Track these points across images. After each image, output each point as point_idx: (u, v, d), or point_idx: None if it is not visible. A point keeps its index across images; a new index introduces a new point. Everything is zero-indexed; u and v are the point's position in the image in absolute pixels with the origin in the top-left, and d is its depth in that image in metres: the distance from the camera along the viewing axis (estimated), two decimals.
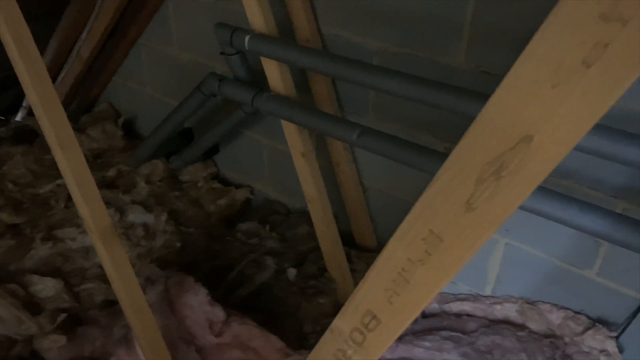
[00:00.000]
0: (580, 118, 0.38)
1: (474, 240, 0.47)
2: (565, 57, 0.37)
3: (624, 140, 0.94)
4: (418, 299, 0.54)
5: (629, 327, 1.28)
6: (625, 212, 1.19)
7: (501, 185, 0.43)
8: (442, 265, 0.51)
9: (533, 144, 0.40)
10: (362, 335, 0.61)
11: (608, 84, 0.35)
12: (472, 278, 1.52)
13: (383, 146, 1.25)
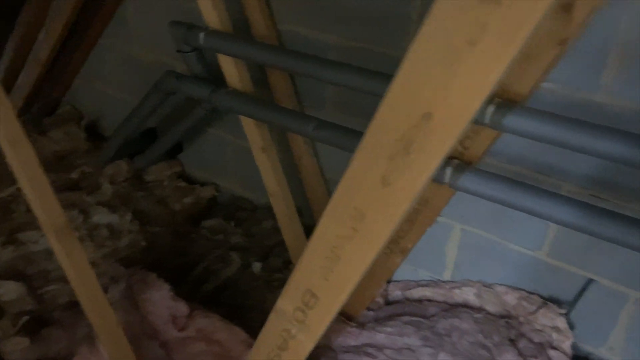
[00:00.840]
0: (472, 94, 0.41)
1: (393, 214, 0.51)
2: (452, 37, 0.40)
3: (568, 125, 0.98)
4: (350, 274, 0.57)
5: (577, 303, 1.33)
6: (569, 194, 1.24)
7: (410, 160, 0.46)
8: (368, 240, 0.54)
9: (433, 120, 0.43)
10: (304, 313, 0.64)
11: (492, 61, 0.39)
12: (432, 264, 1.57)
13: (339, 138, 1.28)
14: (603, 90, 1.11)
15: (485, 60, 0.39)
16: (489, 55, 0.39)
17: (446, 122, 0.43)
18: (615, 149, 0.92)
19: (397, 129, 0.46)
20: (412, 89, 0.43)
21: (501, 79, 0.40)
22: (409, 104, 0.44)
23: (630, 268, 1.23)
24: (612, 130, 0.92)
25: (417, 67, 0.43)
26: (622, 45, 1.06)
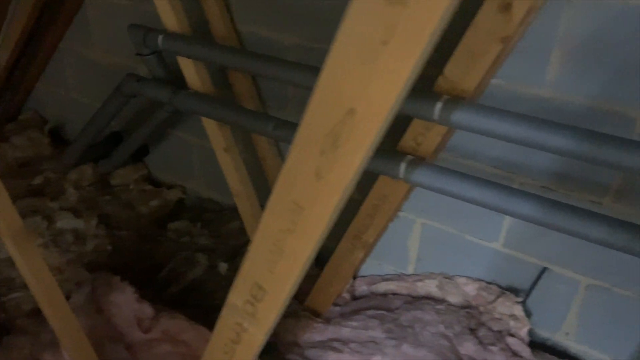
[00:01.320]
0: (388, 90, 0.44)
1: (328, 206, 0.53)
2: (367, 37, 0.43)
3: (512, 120, 1.02)
4: (294, 266, 0.59)
5: (533, 291, 1.39)
6: (522, 187, 1.29)
7: (339, 154, 0.49)
8: (307, 232, 0.56)
9: (356, 116, 0.46)
10: (253, 306, 0.66)
11: (403, 58, 0.41)
12: (396, 259, 1.60)
13: None
14: (548, 85, 1.16)
15: (397, 58, 0.42)
16: (401, 54, 0.41)
17: (368, 117, 0.45)
18: (556, 141, 0.96)
19: (325, 125, 0.48)
20: (335, 87, 0.46)
21: (415, 75, 0.43)
22: (334, 101, 0.47)
23: (580, 255, 1.29)
24: (551, 124, 0.97)
25: (338, 66, 0.46)
26: (563, 43, 1.11)
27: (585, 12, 1.06)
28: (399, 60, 0.42)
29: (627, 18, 1.02)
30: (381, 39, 0.42)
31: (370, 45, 0.43)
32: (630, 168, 0.96)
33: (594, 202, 1.21)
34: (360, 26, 0.42)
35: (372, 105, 0.45)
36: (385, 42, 0.42)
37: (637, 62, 1.05)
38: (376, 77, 0.44)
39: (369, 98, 0.45)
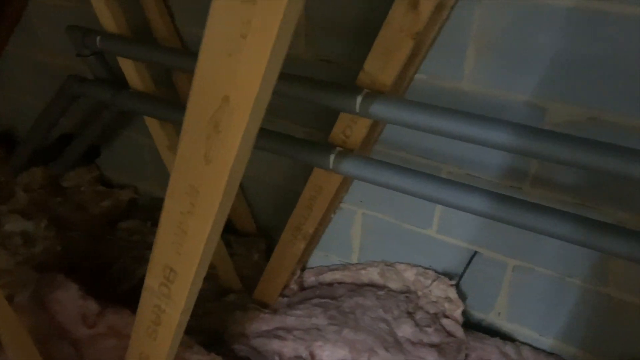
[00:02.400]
0: (254, 77, 0.49)
1: (219, 187, 0.58)
2: (229, 32, 0.48)
3: (426, 111, 1.08)
4: (197, 246, 0.63)
5: (465, 275, 1.46)
6: (449, 175, 1.37)
7: (222, 138, 0.54)
8: (204, 213, 0.61)
9: (230, 102, 0.51)
10: (167, 287, 0.70)
11: (260, 50, 0.47)
12: (340, 249, 1.66)
13: None
14: (466, 79, 1.23)
15: (256, 50, 0.47)
16: (258, 45, 0.47)
17: (240, 103, 0.51)
18: (468, 131, 1.03)
19: (206, 112, 0.53)
20: (210, 77, 0.51)
21: (276, 63, 0.48)
22: (210, 90, 0.52)
23: (506, 238, 1.37)
24: (462, 115, 1.04)
25: (209, 59, 0.51)
26: (477, 39, 1.18)
27: (494, 10, 1.14)
28: (258, 51, 0.47)
29: (534, 15, 1.10)
30: (240, 33, 0.47)
31: (233, 39, 0.48)
32: (541, 154, 1.04)
33: (515, 187, 1.29)
34: (222, 22, 0.47)
35: (242, 92, 0.50)
36: (244, 36, 0.47)
37: (544, 55, 1.13)
38: (241, 67, 0.49)
39: (238, 86, 0.50)
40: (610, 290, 1.28)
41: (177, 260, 0.66)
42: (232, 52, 0.48)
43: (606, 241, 1.02)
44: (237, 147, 0.54)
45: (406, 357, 1.34)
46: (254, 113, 0.52)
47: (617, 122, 1.11)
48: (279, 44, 0.46)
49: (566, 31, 1.09)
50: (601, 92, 1.11)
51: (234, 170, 0.56)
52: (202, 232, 0.62)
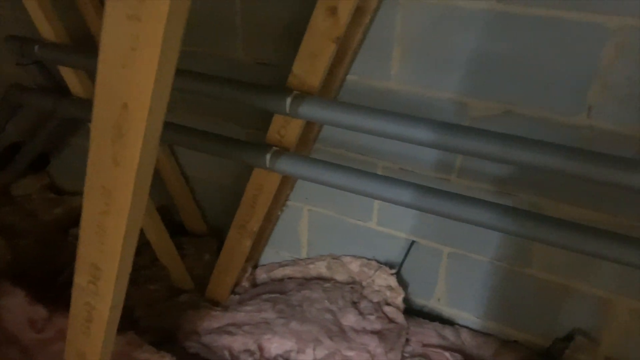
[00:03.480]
0: (146, 86, 0.54)
1: (128, 188, 0.63)
2: (121, 44, 0.53)
3: (350, 111, 1.14)
4: (116, 243, 0.68)
5: (404, 263, 1.54)
6: (384, 171, 1.44)
7: (125, 142, 0.59)
8: (119, 212, 0.65)
9: (129, 109, 0.56)
10: (95, 285, 0.75)
11: (149, 62, 0.52)
12: (290, 245, 1.72)
13: (179, 137, 1.39)
14: (394, 78, 1.31)
15: (145, 61, 0.52)
16: (146, 57, 0.52)
17: (137, 110, 0.56)
18: (389, 129, 1.10)
19: (110, 118, 0.58)
20: (109, 86, 0.56)
21: (167, 73, 0.53)
22: (111, 97, 0.57)
23: (440, 227, 1.45)
24: (379, 112, 1.10)
25: (107, 68, 0.56)
26: (400, 40, 1.26)
27: (414, 13, 1.22)
28: (147, 62, 0.52)
29: (449, 17, 1.18)
30: (131, 46, 0.52)
31: (125, 52, 0.53)
32: (464, 150, 1.12)
33: (444, 179, 1.37)
34: (114, 37, 0.52)
35: (138, 99, 0.55)
36: (134, 49, 0.52)
37: (462, 54, 1.21)
38: (135, 77, 0.54)
39: (134, 94, 0.55)
40: (534, 271, 1.37)
41: (101, 258, 0.71)
42: (125, 64, 0.53)
43: (523, 227, 1.10)
44: (139, 150, 0.59)
45: (349, 345, 1.41)
46: (152, 118, 0.57)
47: (529, 115, 1.20)
48: (166, 55, 0.51)
49: (479, 32, 1.17)
50: (514, 87, 1.19)
51: (140, 171, 0.61)
52: (119, 230, 0.67)
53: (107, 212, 0.66)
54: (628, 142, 1.13)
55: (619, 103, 1.11)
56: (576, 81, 1.13)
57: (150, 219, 1.62)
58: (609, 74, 1.09)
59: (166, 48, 0.50)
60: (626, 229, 1.20)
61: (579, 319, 1.38)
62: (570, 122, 1.17)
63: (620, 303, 1.30)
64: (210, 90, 1.32)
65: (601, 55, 1.08)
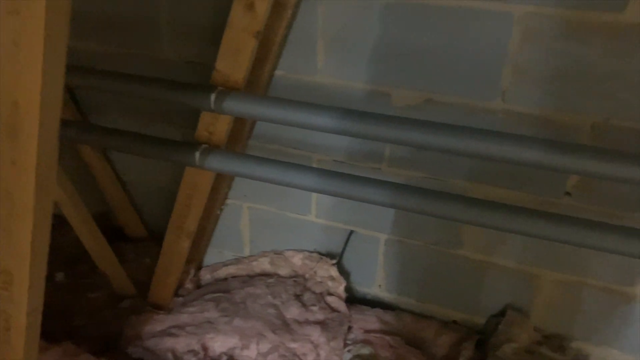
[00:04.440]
0: (34, 83, 0.54)
1: (29, 189, 0.62)
2: (5, 41, 0.52)
3: (274, 104, 1.16)
4: (25, 247, 0.67)
5: (344, 253, 1.57)
6: (319, 163, 1.46)
7: (20, 143, 0.58)
8: (23, 214, 0.64)
9: (20, 108, 0.56)
10: (9, 291, 0.73)
11: (34, 56, 0.52)
12: (233, 244, 1.72)
13: (109, 140, 1.37)
14: (320, 72, 1.33)
15: (29, 56, 0.52)
16: (30, 52, 0.51)
17: (28, 107, 0.55)
18: (313, 120, 1.13)
19: (2, 116, 0.57)
20: (1, 83, 0.55)
21: (56, 68, 0.53)
22: (1, 95, 0.56)
23: (375, 215, 1.48)
24: (309, 106, 1.13)
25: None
26: (323, 34, 1.28)
27: (334, 7, 1.24)
28: (31, 58, 0.52)
29: (368, 10, 1.22)
30: (14, 41, 0.51)
31: (10, 48, 0.52)
32: (388, 139, 1.16)
33: (375, 168, 1.41)
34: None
35: (27, 97, 0.55)
36: (16, 44, 0.51)
37: (383, 46, 1.24)
38: (21, 73, 0.53)
39: (23, 91, 0.54)
40: (465, 252, 1.43)
41: (11, 263, 0.69)
42: (12, 61, 0.52)
43: (442, 208, 1.15)
44: (36, 149, 0.58)
45: (293, 337, 1.42)
46: (45, 115, 0.56)
47: (449, 102, 1.25)
48: (51, 50, 0.51)
49: (396, 24, 1.21)
50: (433, 76, 1.24)
51: (40, 171, 0.60)
52: (26, 233, 0.66)
53: (12, 215, 0.64)
54: (540, 123, 1.20)
55: (529, 87, 1.18)
56: (489, 68, 1.19)
57: (86, 227, 1.58)
58: (517, 59, 1.15)
59: (50, 43, 0.50)
60: (546, 206, 1.27)
61: (510, 295, 1.45)
62: (486, 107, 1.23)
63: (543, 276, 1.38)
64: (135, 90, 1.31)
65: (509, 42, 1.14)
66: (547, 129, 1.19)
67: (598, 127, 1.16)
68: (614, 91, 1.12)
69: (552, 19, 1.09)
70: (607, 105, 1.13)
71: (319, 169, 1.19)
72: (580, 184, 1.24)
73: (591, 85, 1.12)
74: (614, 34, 1.06)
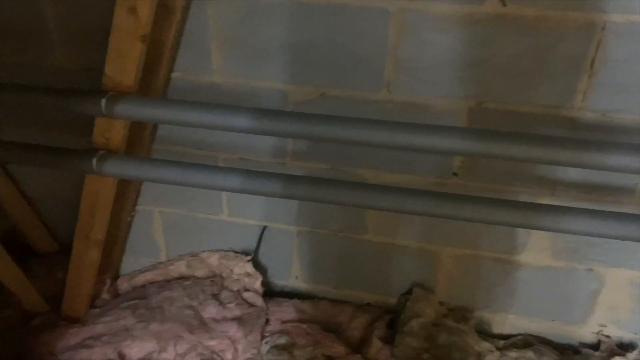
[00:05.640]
0: None
1: None
2: None
3: (170, 107, 1.18)
4: None
5: (259, 249, 1.61)
6: (225, 162, 1.49)
7: None
8: None
9: None
10: None
11: None
12: (148, 250, 1.71)
13: (4, 154, 1.33)
14: (216, 72, 1.36)
15: None
16: None
17: None
18: (200, 119, 1.16)
19: None
20: None
21: None
22: None
23: (286, 209, 1.53)
24: (195, 105, 1.16)
25: None
26: (216, 35, 1.31)
27: (223, 8, 1.28)
28: None
29: (257, 9, 1.26)
30: None
31: None
32: (290, 134, 1.21)
33: (280, 163, 1.46)
34: None
35: None
36: None
37: (276, 44, 1.29)
38: None
39: None
40: (371, 236, 1.51)
41: None
42: None
43: (336, 195, 1.22)
44: None
45: (210, 335, 1.44)
46: None
47: (341, 95, 1.32)
48: None
49: (284, 23, 1.26)
50: (325, 71, 1.30)
51: None
52: None
53: None
54: (423, 110, 1.29)
55: (409, 77, 1.26)
56: (373, 61, 1.26)
57: None
58: (397, 52, 1.24)
59: None
60: (437, 186, 1.37)
61: (416, 273, 1.54)
62: (374, 98, 1.31)
63: (442, 252, 1.48)
64: (24, 100, 1.29)
65: (388, 36, 1.23)
66: (430, 115, 1.29)
67: (474, 111, 1.27)
68: (482, 77, 1.22)
69: (422, 13, 1.18)
70: (479, 90, 1.24)
71: (213, 166, 1.23)
72: (465, 164, 1.35)
73: (462, 73, 1.23)
74: (475, 24, 1.16)
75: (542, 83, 1.20)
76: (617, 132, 1.21)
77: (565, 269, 1.41)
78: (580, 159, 1.12)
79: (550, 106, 1.22)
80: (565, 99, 1.21)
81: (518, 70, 1.20)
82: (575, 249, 1.38)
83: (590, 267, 1.40)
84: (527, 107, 1.23)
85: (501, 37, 1.17)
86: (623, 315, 1.45)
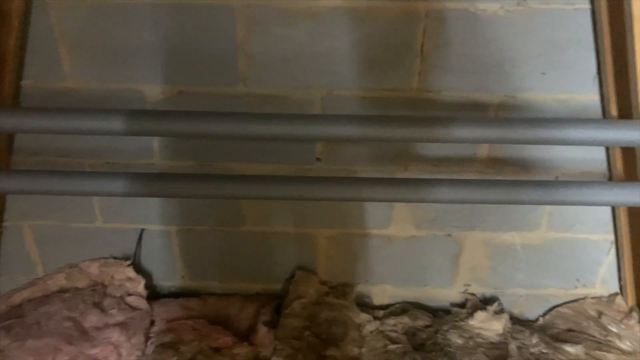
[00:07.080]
0: None
1: None
2: None
3: (32, 115, 1.15)
4: None
5: (139, 252, 1.60)
6: (92, 168, 1.46)
7: None
8: None
9: None
10: None
11: None
12: (23, 267, 1.63)
13: None
14: (69, 77, 1.34)
15: None
16: None
17: None
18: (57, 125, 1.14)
19: None
20: None
21: None
22: None
23: (161, 210, 1.53)
24: (48, 111, 1.14)
25: None
26: (63, 39, 1.29)
27: (67, 12, 1.26)
28: None
29: (102, 13, 1.25)
30: None
31: None
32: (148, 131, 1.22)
33: (149, 163, 1.45)
34: None
35: None
36: None
37: (126, 47, 1.29)
38: None
39: None
40: (249, 227, 1.55)
41: None
42: None
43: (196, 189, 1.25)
44: None
45: (92, 343, 1.42)
46: None
47: (200, 91, 1.35)
48: None
49: (131, 23, 1.27)
50: (182, 70, 1.33)
51: None
52: None
53: None
54: (280, 102, 1.35)
55: (262, 70, 1.32)
56: (226, 57, 1.31)
57: None
58: (247, 47, 1.29)
59: None
60: (303, 172, 1.44)
61: (296, 257, 1.61)
62: (231, 92, 1.35)
63: (318, 234, 1.56)
64: None
65: (236, 32, 1.27)
66: (287, 106, 1.35)
67: (325, 99, 1.35)
68: (330, 66, 1.31)
69: (267, 9, 1.24)
70: (328, 79, 1.32)
71: (61, 171, 1.21)
72: (326, 149, 1.43)
73: (311, 64, 1.30)
74: (316, 17, 1.24)
75: (384, 69, 1.30)
76: (452, 108, 1.34)
77: (427, 237, 1.54)
78: (428, 134, 1.24)
79: (394, 90, 1.33)
80: (405, 82, 1.32)
81: (361, 58, 1.29)
82: (434, 217, 1.52)
83: (449, 233, 1.54)
84: (375, 92, 1.33)
85: (340, 28, 1.25)
86: (482, 273, 1.61)
